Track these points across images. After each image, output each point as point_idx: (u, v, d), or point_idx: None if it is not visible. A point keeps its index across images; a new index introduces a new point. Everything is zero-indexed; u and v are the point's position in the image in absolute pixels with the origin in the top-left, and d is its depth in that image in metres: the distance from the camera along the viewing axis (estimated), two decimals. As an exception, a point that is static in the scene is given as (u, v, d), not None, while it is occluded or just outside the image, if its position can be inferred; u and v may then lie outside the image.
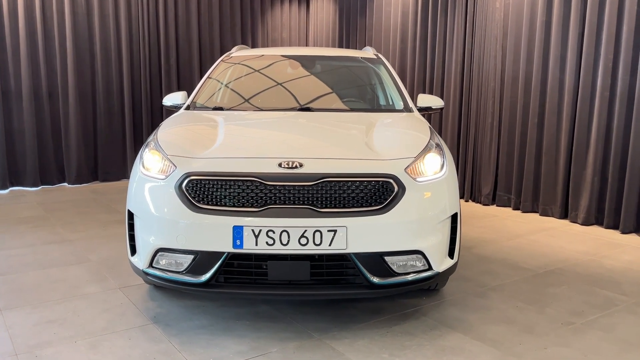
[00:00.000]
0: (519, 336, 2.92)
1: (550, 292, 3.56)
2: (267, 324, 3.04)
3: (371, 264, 2.76)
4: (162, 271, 2.89)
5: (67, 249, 4.36)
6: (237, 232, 2.70)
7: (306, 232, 2.68)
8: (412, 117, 3.76)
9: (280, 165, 2.80)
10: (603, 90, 5.17)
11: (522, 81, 5.84)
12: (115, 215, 5.48)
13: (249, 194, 2.75)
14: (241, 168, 2.80)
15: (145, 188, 2.96)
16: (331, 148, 3.08)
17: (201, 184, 2.79)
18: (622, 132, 5.07)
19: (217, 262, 2.75)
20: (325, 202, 2.74)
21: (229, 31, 8.24)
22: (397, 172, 2.84)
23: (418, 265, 2.87)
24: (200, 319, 3.09)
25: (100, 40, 7.21)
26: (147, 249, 2.88)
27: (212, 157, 2.90)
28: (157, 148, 3.05)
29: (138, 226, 2.97)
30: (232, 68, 4.36)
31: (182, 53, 7.86)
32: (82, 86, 7.16)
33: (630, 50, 4.95)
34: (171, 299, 3.36)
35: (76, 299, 3.35)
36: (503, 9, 5.99)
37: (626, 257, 4.32)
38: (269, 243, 2.69)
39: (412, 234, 2.81)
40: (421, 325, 3.04)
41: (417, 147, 3.06)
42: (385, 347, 2.78)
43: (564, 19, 5.45)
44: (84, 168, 7.25)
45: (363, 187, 2.77)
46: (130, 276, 3.74)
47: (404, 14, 7.19)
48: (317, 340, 2.85)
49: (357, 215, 2.73)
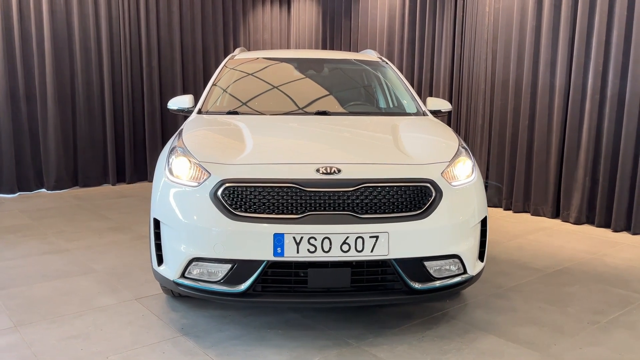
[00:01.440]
0: (551, 337, 2.97)
1: (566, 291, 3.64)
2: (300, 332, 2.99)
3: (411, 269, 2.75)
4: (195, 281, 2.80)
5: (67, 259, 4.18)
6: (278, 239, 2.64)
7: (348, 238, 2.65)
8: (432, 121, 3.78)
9: (319, 171, 2.75)
10: (594, 93, 5.33)
11: (512, 84, 5.96)
12: (107, 223, 5.30)
13: (288, 201, 2.69)
14: (279, 174, 2.74)
15: (175, 196, 2.86)
16: (366, 153, 3.06)
17: (238, 190, 2.72)
18: (613, 134, 5.24)
19: (256, 271, 2.68)
20: (366, 207, 2.72)
21: (211, 33, 8.10)
22: (434, 177, 2.84)
23: (454, 269, 2.88)
24: (230, 329, 3.01)
25: (79, 40, 6.96)
26: (180, 259, 2.78)
27: (247, 163, 2.82)
28: (187, 154, 2.95)
29: (167, 235, 2.87)
30: (240, 71, 4.27)
31: (164, 55, 7.68)
32: (61, 88, 6.90)
33: (621, 55, 5.12)
34: (193, 309, 3.26)
35: (93, 312, 3.21)
36: (493, 13, 6.11)
37: (625, 255, 4.46)
38: (311, 250, 2.65)
39: (450, 239, 2.81)
40: (454, 328, 3.05)
41: (449, 151, 3.07)
42: (426, 352, 2.78)
43: (554, 23, 5.59)
44: (64, 173, 6.98)
45: (402, 192, 2.76)
46: (143, 286, 3.62)
47: (390, 16, 7.23)
48: (356, 347, 2.82)
49: (398, 221, 2.71)
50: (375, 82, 4.35)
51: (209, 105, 3.91)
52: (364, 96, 4.28)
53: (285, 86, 4.15)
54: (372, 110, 4.07)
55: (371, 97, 4.29)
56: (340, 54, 4.75)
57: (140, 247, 4.48)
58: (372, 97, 4.29)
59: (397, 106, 4.08)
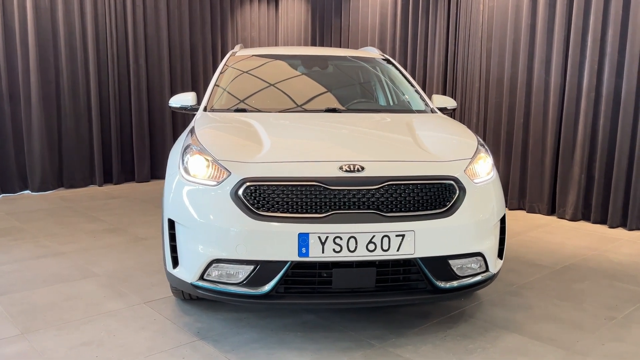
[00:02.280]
0: (572, 334, 2.96)
1: (576, 288, 3.65)
2: (320, 333, 2.92)
3: (436, 268, 2.71)
4: (214, 283, 2.71)
5: (64, 263, 4.03)
6: (303, 239, 2.57)
7: (374, 237, 2.59)
8: (445, 119, 3.75)
9: (342, 169, 2.69)
10: (589, 91, 5.38)
11: (507, 82, 5.99)
12: (100, 225, 5.14)
13: (312, 200, 2.62)
14: (302, 172, 2.67)
15: (193, 195, 2.76)
16: (387, 150, 3.00)
17: (261, 189, 2.63)
18: (609, 131, 5.30)
19: (280, 272, 2.60)
20: (390, 206, 2.66)
21: (198, 30, 7.95)
22: (457, 174, 2.81)
23: (476, 267, 2.85)
24: (248, 332, 2.93)
25: (64, 37, 6.74)
26: (199, 261, 2.68)
27: (268, 162, 2.74)
28: (203, 152, 2.85)
29: (183, 236, 2.77)
30: (244, 68, 4.17)
31: (151, 52, 7.51)
32: (45, 86, 6.67)
33: (616, 53, 5.18)
34: (206, 312, 3.17)
35: (102, 318, 3.09)
36: (487, 11, 6.12)
37: (626, 251, 4.51)
38: (336, 250, 2.58)
39: (474, 236, 2.78)
40: (474, 327, 3.02)
41: (470, 148, 3.04)
42: (451, 351, 2.74)
43: (548, 22, 5.63)
44: (49, 174, 6.76)
45: (427, 190, 2.72)
46: (150, 290, 3.51)
47: (382, 14, 7.21)
48: (380, 348, 2.76)
49: (423, 219, 2.67)
50: (382, 80, 4.31)
51: (215, 102, 3.80)
52: (371, 93, 4.24)
53: (291, 83, 4.08)
54: (381, 108, 4.03)
55: (378, 94, 4.24)
56: (343, 51, 4.70)
57: (138, 250, 4.35)
58: (379, 95, 4.24)
59: (405, 103, 4.04)
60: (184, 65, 7.84)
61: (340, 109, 3.74)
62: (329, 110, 3.69)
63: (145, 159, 7.53)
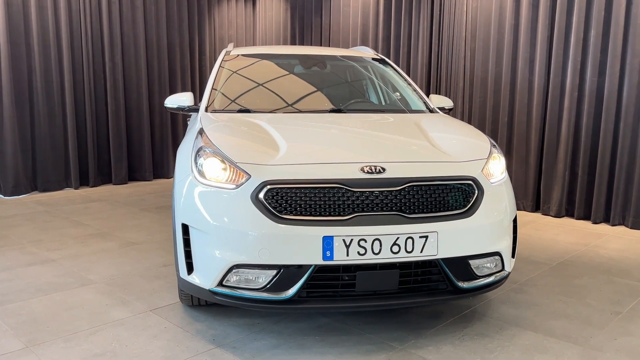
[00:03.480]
0: (583, 329, 3.01)
1: (577, 284, 3.73)
2: (338, 337, 2.89)
3: (457, 268, 2.71)
4: (234, 289, 2.64)
5: (56, 270, 3.86)
6: (327, 242, 2.52)
7: (398, 239, 2.57)
8: (451, 119, 3.76)
9: (363, 170, 2.66)
10: (572, 90, 5.51)
11: (491, 81, 6.08)
12: (86, 229, 4.96)
13: (335, 202, 2.58)
14: (324, 174, 2.63)
15: (209, 199, 2.68)
16: (404, 151, 2.98)
17: (282, 192, 2.58)
18: (591, 129, 5.44)
19: (303, 276, 2.56)
20: (413, 207, 2.65)
21: (176, 28, 7.77)
22: (475, 174, 2.82)
23: (493, 266, 2.87)
24: (265, 338, 2.87)
25: (37, 35, 6.48)
26: (218, 266, 2.61)
27: (288, 164, 2.69)
28: (218, 154, 2.77)
29: (200, 241, 2.69)
30: (239, 69, 4.09)
31: (127, 50, 7.30)
32: (18, 86, 6.41)
33: (598, 53, 5.32)
34: (217, 318, 3.09)
35: (110, 327, 2.97)
36: (471, 11, 6.20)
37: (614, 246, 4.64)
38: (361, 253, 2.55)
39: (493, 236, 2.80)
40: (489, 326, 3.04)
41: (483, 148, 3.06)
42: (472, 351, 2.75)
43: (532, 22, 5.74)
44: (22, 177, 6.50)
45: (448, 191, 2.72)
46: (153, 296, 3.40)
47: (364, 14, 7.21)
48: (402, 350, 2.75)
49: (445, 220, 2.67)
50: (381, 79, 4.29)
51: (216, 103, 3.71)
52: (372, 93, 4.22)
53: (291, 83, 4.02)
54: (385, 108, 4.02)
55: (379, 94, 4.23)
56: (338, 50, 4.66)
57: (132, 255, 4.22)
58: (380, 95, 4.23)
59: (406, 103, 4.03)
60: (161, 63, 7.66)
61: (344, 109, 3.70)
62: (334, 111, 3.65)
63: (123, 161, 7.32)
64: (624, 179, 5.25)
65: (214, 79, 3.90)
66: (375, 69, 4.35)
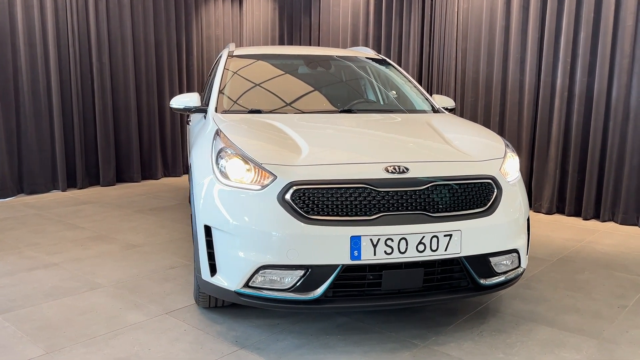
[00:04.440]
0: (595, 323, 3.10)
1: (580, 279, 3.83)
2: (360, 336, 2.91)
3: (478, 266, 2.76)
4: (259, 290, 2.64)
5: (61, 274, 3.79)
6: (355, 242, 2.55)
7: (424, 238, 2.61)
8: (460, 119, 3.82)
9: (387, 170, 2.69)
10: (562, 90, 5.65)
11: (483, 82, 6.18)
12: (83, 232, 4.87)
13: (362, 202, 2.61)
14: (350, 175, 2.65)
15: (234, 201, 2.67)
16: (424, 151, 3.02)
17: (309, 192, 2.59)
18: (581, 128, 5.59)
19: (331, 276, 2.57)
20: (437, 206, 2.69)
21: (163, 26, 7.68)
22: (494, 173, 2.87)
23: (509, 264, 2.92)
24: (287, 338, 2.87)
25: (23, 33, 6.33)
26: (245, 268, 2.60)
27: (314, 164, 2.69)
28: (240, 155, 2.76)
29: (224, 243, 2.68)
30: (246, 69, 4.07)
31: (115, 50, 7.19)
32: (3, 85, 6.25)
33: (588, 53, 5.46)
34: (235, 319, 3.08)
35: (128, 331, 2.93)
36: (462, 12, 6.29)
37: (608, 241, 4.77)
38: (387, 252, 2.58)
39: (511, 234, 2.86)
40: (504, 321, 3.10)
41: (499, 147, 3.12)
42: (493, 346, 2.80)
43: (522, 24, 5.86)
44: (8, 179, 6.34)
45: (470, 190, 2.77)
46: (166, 299, 3.36)
47: (354, 14, 7.24)
48: (425, 347, 2.79)
49: (468, 218, 2.71)
50: (385, 79, 4.33)
51: (225, 104, 3.69)
52: (378, 94, 4.25)
53: (298, 84, 4.02)
54: (392, 108, 4.04)
55: (384, 94, 4.26)
56: (340, 50, 4.67)
57: (135, 258, 4.16)
58: (385, 95, 4.26)
59: (412, 103, 4.08)
60: (148, 63, 7.56)
61: (354, 109, 3.73)
62: (345, 111, 3.67)
63: (111, 162, 7.20)
64: (613, 176, 5.40)
65: (220, 79, 3.87)
66: (379, 69, 4.39)
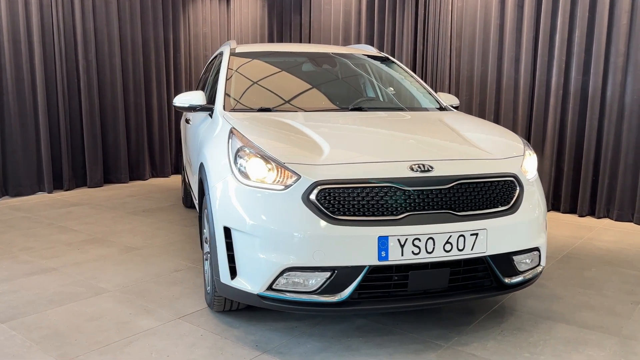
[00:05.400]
0: (612, 320, 3.11)
1: (587, 275, 3.85)
2: (382, 337, 2.86)
3: (502, 264, 2.74)
4: (283, 293, 2.56)
5: (62, 279, 3.65)
6: (383, 242, 2.49)
7: (451, 237, 2.57)
8: (470, 116, 3.79)
9: (412, 169, 2.64)
10: (557, 89, 5.69)
11: (477, 80, 6.20)
12: (77, 235, 4.71)
13: (388, 201, 2.55)
14: (375, 173, 2.59)
15: (255, 201, 2.59)
16: (446, 149, 2.97)
17: (335, 192, 2.52)
18: (576, 126, 5.64)
19: (357, 278, 2.52)
20: (462, 205, 2.65)
21: (150, 24, 7.51)
22: (516, 171, 2.85)
23: (530, 262, 2.91)
24: (308, 341, 2.80)
25: (7, 31, 6.12)
26: (269, 270, 2.53)
27: (338, 163, 2.63)
28: (263, 154, 2.68)
29: (246, 245, 2.60)
30: (251, 66, 3.98)
31: (101, 47, 7.00)
32: (-14, 84, 6.04)
33: (583, 52, 5.52)
34: (251, 322, 3.00)
35: (142, 337, 2.82)
36: (457, 11, 6.29)
37: (607, 238, 4.82)
38: (415, 252, 2.53)
39: (534, 232, 2.84)
40: (522, 320, 3.09)
41: (517, 145, 3.10)
42: (517, 346, 2.78)
43: (517, 22, 5.89)
44: (-8, 181, 6.13)
45: (494, 188, 2.74)
46: (176, 303, 3.26)
47: (346, 12, 7.19)
48: (449, 348, 2.75)
49: (493, 217, 2.68)
50: (391, 77, 4.29)
51: (232, 102, 3.59)
52: (385, 91, 4.20)
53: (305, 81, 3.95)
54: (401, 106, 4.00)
55: (392, 92, 4.22)
56: (343, 48, 4.61)
57: (136, 261, 4.04)
58: (393, 92, 4.21)
59: (419, 101, 4.04)
60: (135, 61, 7.39)
61: (364, 107, 3.67)
62: (355, 109, 3.62)
63: (98, 163, 7.01)
64: (608, 173, 5.46)
65: (225, 77, 3.77)
66: (384, 67, 4.34)
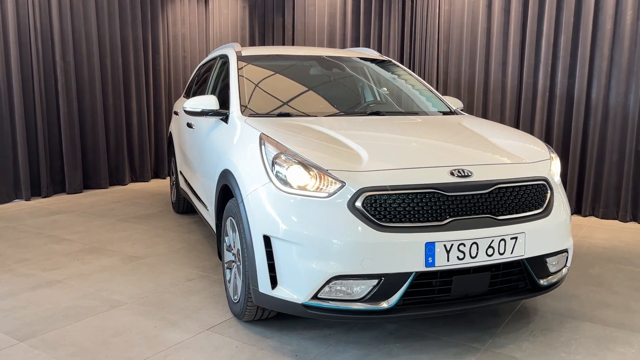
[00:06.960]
0: (632, 317, 3.21)
1: (593, 273, 3.97)
2: (418, 342, 2.86)
3: (537, 266, 2.79)
4: (328, 302, 2.53)
5: (71, 292, 3.49)
6: (429, 248, 2.49)
7: (493, 242, 2.60)
8: (484, 120, 3.85)
9: (453, 174, 2.65)
10: (544, 92, 5.85)
11: (465, 83, 6.30)
12: (72, 245, 4.52)
13: (432, 207, 2.56)
14: (418, 179, 2.59)
15: (299, 209, 2.55)
16: (481, 153, 2.98)
17: (381, 199, 2.51)
18: (563, 128, 5.82)
19: (404, 284, 2.51)
20: (501, 209, 2.69)
21: (128, 24, 7.28)
22: (546, 174, 2.91)
23: (557, 263, 2.97)
24: (347, 349, 2.78)
25: (-19, 29, 5.82)
26: (315, 279, 2.49)
27: (381, 170, 2.61)
28: (304, 161, 2.63)
29: (287, 253, 2.55)
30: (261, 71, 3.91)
31: (79, 48, 6.74)
32: (-40, 87, 5.71)
33: (568, 56, 5.69)
34: (283, 331, 2.95)
35: (176, 351, 2.73)
36: (444, 14, 6.38)
37: (600, 235, 4.99)
38: (460, 257, 2.55)
39: (564, 234, 2.91)
40: (549, 320, 3.15)
41: (542, 149, 3.16)
42: (551, 346, 2.84)
43: (504, 26, 6.02)
44: (-34, 189, 5.80)
45: (529, 191, 2.79)
46: (199, 314, 3.17)
47: (330, 14, 7.18)
48: (487, 351, 2.78)
49: (530, 220, 2.73)
50: (399, 81, 4.29)
51: (249, 107, 3.51)
52: (397, 95, 4.20)
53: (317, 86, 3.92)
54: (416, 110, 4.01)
55: (402, 96, 4.22)
56: (346, 51, 4.59)
57: (144, 270, 3.91)
58: (403, 96, 4.22)
59: (430, 105, 4.06)
60: (114, 62, 7.15)
61: (382, 111, 3.67)
62: (373, 114, 3.61)
63: (77, 168, 6.75)
64: (593, 173, 5.66)
65: (237, 82, 3.68)
66: (390, 70, 4.35)
